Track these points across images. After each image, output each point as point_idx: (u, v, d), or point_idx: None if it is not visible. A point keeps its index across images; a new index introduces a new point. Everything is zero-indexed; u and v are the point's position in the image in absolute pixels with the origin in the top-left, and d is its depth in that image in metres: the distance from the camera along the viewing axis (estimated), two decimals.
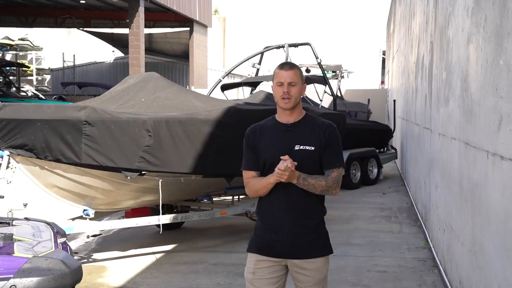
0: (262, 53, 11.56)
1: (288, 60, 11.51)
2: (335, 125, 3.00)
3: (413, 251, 6.67)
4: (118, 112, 5.68)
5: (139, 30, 18.07)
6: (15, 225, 3.40)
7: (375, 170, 12.14)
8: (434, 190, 6.37)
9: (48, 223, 3.60)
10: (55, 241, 3.12)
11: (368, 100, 16.69)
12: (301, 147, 2.88)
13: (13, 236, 3.06)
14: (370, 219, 8.55)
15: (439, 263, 5.84)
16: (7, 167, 5.34)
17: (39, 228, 3.34)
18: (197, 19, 23.48)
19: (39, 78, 36.36)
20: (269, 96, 7.97)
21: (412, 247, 6.82)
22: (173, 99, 6.48)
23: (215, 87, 10.85)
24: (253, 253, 2.95)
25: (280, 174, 2.74)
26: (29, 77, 34.34)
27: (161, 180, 5.89)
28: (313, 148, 2.89)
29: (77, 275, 2.80)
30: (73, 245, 6.96)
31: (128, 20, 18.48)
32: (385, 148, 13.54)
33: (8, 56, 35.03)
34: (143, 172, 5.78)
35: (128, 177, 5.66)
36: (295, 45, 11.17)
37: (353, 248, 6.81)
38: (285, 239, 2.87)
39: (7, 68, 28.00)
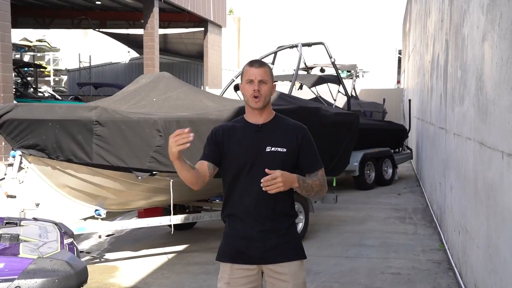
0: (275, 53, 11.49)
1: (302, 60, 11.45)
2: (304, 126, 2.92)
3: (428, 253, 6.56)
4: (129, 112, 5.67)
5: (153, 31, 18.12)
6: (23, 226, 3.39)
7: (390, 171, 12.00)
8: (449, 191, 6.27)
9: (56, 224, 3.59)
10: (61, 242, 3.09)
11: (384, 99, 16.55)
12: (273, 148, 2.78)
13: (20, 237, 3.04)
14: (384, 220, 8.45)
15: (454, 265, 5.74)
16: (19, 167, 5.36)
17: (46, 228, 3.33)
18: (212, 19, 23.49)
19: (56, 79, 36.65)
20: (282, 96, 7.91)
21: (427, 249, 6.72)
22: (185, 99, 6.46)
23: (228, 87, 10.81)
24: (226, 262, 2.83)
25: (271, 185, 2.59)
26: (47, 78, 34.65)
27: (172, 180, 5.86)
28: (285, 150, 2.78)
29: (82, 276, 2.77)
30: (86, 244, 6.97)
31: (142, 21, 18.55)
32: (400, 148, 13.40)
33: (26, 57, 35.36)
34: (154, 172, 5.76)
35: (139, 177, 5.65)
36: (309, 45, 11.09)
37: (367, 249, 6.72)
38: (254, 244, 2.77)
39: (25, 69, 28.30)
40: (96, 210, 5.97)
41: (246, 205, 2.77)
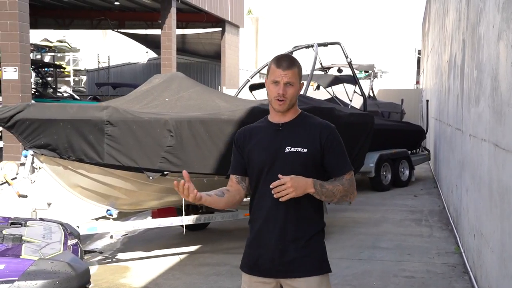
0: (291, 53, 11.42)
1: (318, 60, 11.35)
2: (333, 125, 2.69)
3: (443, 256, 6.45)
4: (140, 112, 5.66)
5: (171, 31, 18.18)
6: (28, 226, 3.38)
7: (407, 172, 11.85)
8: (465, 193, 6.15)
9: (61, 224, 3.58)
10: (65, 243, 3.08)
11: (402, 100, 16.37)
12: (292, 149, 2.58)
13: (23, 237, 3.03)
14: (400, 222, 8.33)
15: (469, 269, 5.62)
16: (31, 166, 5.38)
17: (51, 229, 3.31)
18: (229, 20, 23.49)
19: (76, 79, 37.02)
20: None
21: (442, 252, 6.60)
22: (197, 99, 6.43)
23: (243, 87, 10.78)
24: (245, 273, 2.69)
25: (282, 192, 2.43)
26: (67, 78, 35.01)
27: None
28: (305, 150, 2.58)
29: (84, 278, 2.74)
30: (99, 244, 6.99)
31: (160, 21, 18.62)
32: (418, 149, 13.23)
33: (47, 58, 35.77)
34: (165, 173, 5.75)
35: (150, 178, 5.64)
36: (325, 45, 11.00)
37: (380, 252, 6.63)
38: (272, 255, 2.58)
39: (46, 69, 28.63)
40: (108, 210, 5.97)
41: (265, 210, 2.60)
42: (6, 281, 2.54)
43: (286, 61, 2.60)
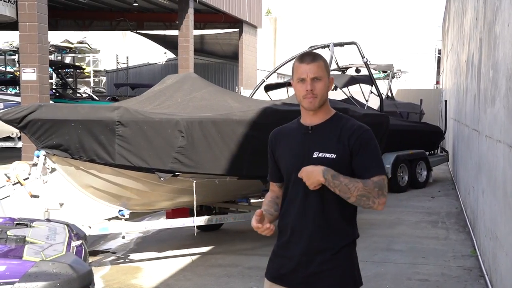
0: None
1: (334, 60, 11.27)
2: (368, 127, 2.48)
3: (459, 259, 6.33)
4: (151, 112, 5.66)
5: (188, 32, 18.20)
6: (33, 227, 3.39)
7: (424, 173, 11.70)
8: (481, 195, 6.04)
9: (67, 225, 3.58)
10: (68, 244, 3.07)
11: (421, 100, 16.16)
12: (320, 154, 2.40)
13: (26, 238, 3.03)
14: (415, 224, 8.22)
15: (485, 273, 5.51)
16: (44, 167, 5.41)
17: (56, 230, 3.31)
18: (247, 20, 23.47)
19: (96, 79, 37.38)
20: None
21: (458, 255, 6.48)
22: (209, 99, 6.41)
23: (258, 87, 10.74)
24: (268, 281, 2.57)
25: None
26: (87, 79, 35.36)
27: (195, 181, 5.83)
28: (334, 156, 2.39)
29: (86, 280, 2.72)
30: (112, 244, 7.02)
31: (178, 22, 18.66)
32: (436, 151, 13.05)
33: (68, 59, 36.18)
34: (176, 173, 5.73)
35: (162, 178, 5.63)
36: (341, 44, 10.91)
37: (394, 254, 6.54)
38: (295, 266, 2.45)
39: (67, 70, 28.94)
40: (120, 210, 5.98)
41: (291, 217, 2.46)
42: (6, 282, 2.54)
43: (310, 56, 2.45)
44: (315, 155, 2.42)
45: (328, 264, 2.42)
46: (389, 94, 15.01)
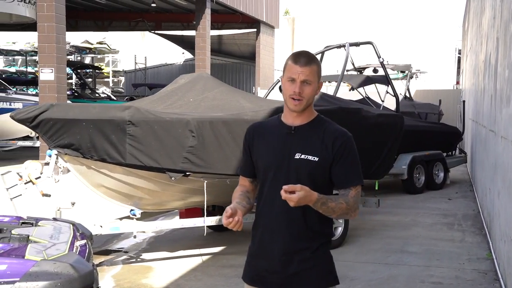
0: (322, 53, 11.28)
1: (350, 60, 11.18)
2: (350, 134, 2.47)
3: (474, 262, 6.22)
4: (162, 112, 5.66)
5: (205, 32, 18.23)
6: (38, 226, 3.40)
7: (442, 174, 11.54)
8: (496, 196, 5.93)
9: (73, 224, 3.58)
10: (72, 244, 3.06)
11: (440, 101, 15.97)
12: (303, 156, 2.38)
13: (30, 238, 3.04)
14: (431, 226, 8.10)
15: (500, 276, 5.41)
16: (55, 166, 5.45)
17: (61, 229, 3.31)
18: (264, 20, 23.44)
19: (115, 80, 37.71)
20: (323, 97, 7.72)
21: (473, 258, 6.37)
22: (221, 99, 6.40)
23: (273, 87, 10.70)
24: (247, 284, 2.56)
25: (287, 196, 2.22)
26: (106, 79, 35.69)
27: (206, 181, 5.81)
28: (316, 159, 2.38)
29: (87, 280, 2.71)
30: (125, 244, 7.04)
31: (195, 22, 18.71)
32: (454, 152, 12.87)
33: (88, 59, 36.56)
34: (187, 173, 5.72)
35: (173, 178, 5.62)
36: (357, 44, 10.82)
37: (408, 256, 6.45)
38: (275, 268, 2.43)
39: (87, 70, 29.24)
40: (131, 210, 5.99)
41: (268, 218, 2.45)
42: (7, 281, 2.54)
43: (305, 57, 2.40)
44: (297, 156, 2.41)
45: (308, 263, 2.43)
46: (407, 94, 14.86)
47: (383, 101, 10.79)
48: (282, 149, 2.44)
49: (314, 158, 2.39)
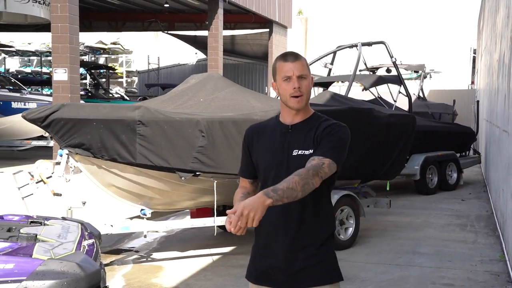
0: (334, 53, 11.23)
1: (362, 60, 11.11)
2: (344, 124, 2.48)
3: (487, 263, 6.15)
4: (172, 112, 5.67)
5: (217, 32, 18.26)
6: (47, 225, 3.41)
7: (455, 175, 11.42)
8: (509, 198, 5.85)
9: (81, 223, 3.60)
10: (79, 243, 3.08)
11: (454, 101, 15.82)
12: (300, 152, 2.43)
13: (38, 237, 3.05)
14: (443, 227, 8.03)
15: None
16: (66, 165, 5.48)
17: (69, 228, 3.32)
18: (277, 20, 23.42)
19: (129, 80, 37.93)
20: (334, 97, 7.70)
21: (486, 259, 6.30)
22: (231, 99, 6.39)
23: None
24: (252, 283, 2.58)
25: (242, 223, 2.17)
26: (120, 79, 35.91)
27: (216, 181, 5.81)
28: (311, 151, 2.41)
29: (93, 279, 2.72)
30: (136, 243, 7.06)
31: (207, 22, 18.75)
32: (468, 152, 12.74)
33: (101, 60, 36.81)
34: (197, 173, 5.73)
35: (183, 178, 5.63)
36: (369, 44, 10.76)
37: (420, 257, 6.39)
38: (279, 266, 2.46)
39: (101, 70, 29.45)
40: (142, 209, 6.01)
41: (271, 217, 2.41)
42: (14, 280, 2.56)
43: (292, 55, 2.47)
44: (295, 152, 2.46)
45: (312, 259, 2.46)
46: (421, 94, 14.75)
47: (395, 101, 10.72)
48: (281, 148, 2.49)
49: (309, 152, 2.42)
